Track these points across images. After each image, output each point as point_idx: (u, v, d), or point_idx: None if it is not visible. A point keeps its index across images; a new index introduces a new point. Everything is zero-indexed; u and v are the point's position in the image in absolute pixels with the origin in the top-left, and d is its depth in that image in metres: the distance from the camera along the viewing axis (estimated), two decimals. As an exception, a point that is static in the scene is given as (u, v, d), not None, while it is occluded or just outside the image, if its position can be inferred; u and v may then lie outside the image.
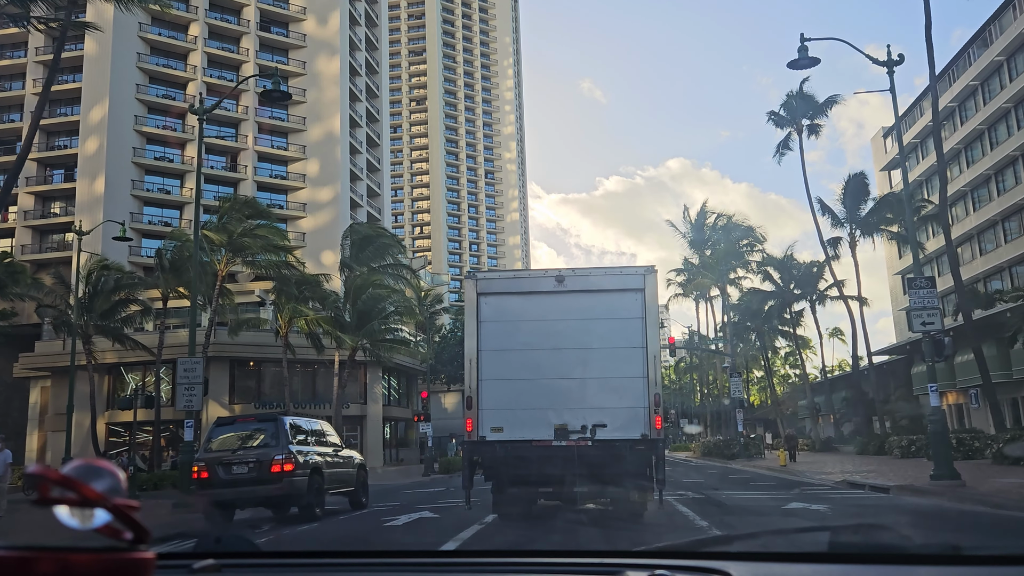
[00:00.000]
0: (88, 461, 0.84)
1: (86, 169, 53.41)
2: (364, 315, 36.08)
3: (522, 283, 12.08)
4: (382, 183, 72.00)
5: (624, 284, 11.30)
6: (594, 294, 11.38)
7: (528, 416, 10.95)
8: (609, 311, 11.20)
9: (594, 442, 10.73)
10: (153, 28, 57.72)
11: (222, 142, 59.12)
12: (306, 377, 47.30)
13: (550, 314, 11.33)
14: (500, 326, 11.32)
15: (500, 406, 11.05)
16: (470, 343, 11.32)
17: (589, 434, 10.77)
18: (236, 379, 45.09)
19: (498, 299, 11.48)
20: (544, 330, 11.26)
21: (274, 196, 60.53)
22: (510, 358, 11.24)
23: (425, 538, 10.49)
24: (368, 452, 47.82)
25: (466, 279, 11.78)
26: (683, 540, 1.90)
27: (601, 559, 1.71)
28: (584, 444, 10.73)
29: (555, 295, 11.35)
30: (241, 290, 49.65)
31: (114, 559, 0.80)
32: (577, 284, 11.42)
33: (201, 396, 16.77)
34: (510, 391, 11.11)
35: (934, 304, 15.71)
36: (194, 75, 58.44)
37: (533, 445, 10.78)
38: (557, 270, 11.61)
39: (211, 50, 59.52)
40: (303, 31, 62.96)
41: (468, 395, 11.15)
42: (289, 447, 13.63)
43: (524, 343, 11.27)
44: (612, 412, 10.88)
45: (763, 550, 1.78)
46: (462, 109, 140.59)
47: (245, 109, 59.96)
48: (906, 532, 1.83)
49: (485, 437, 10.99)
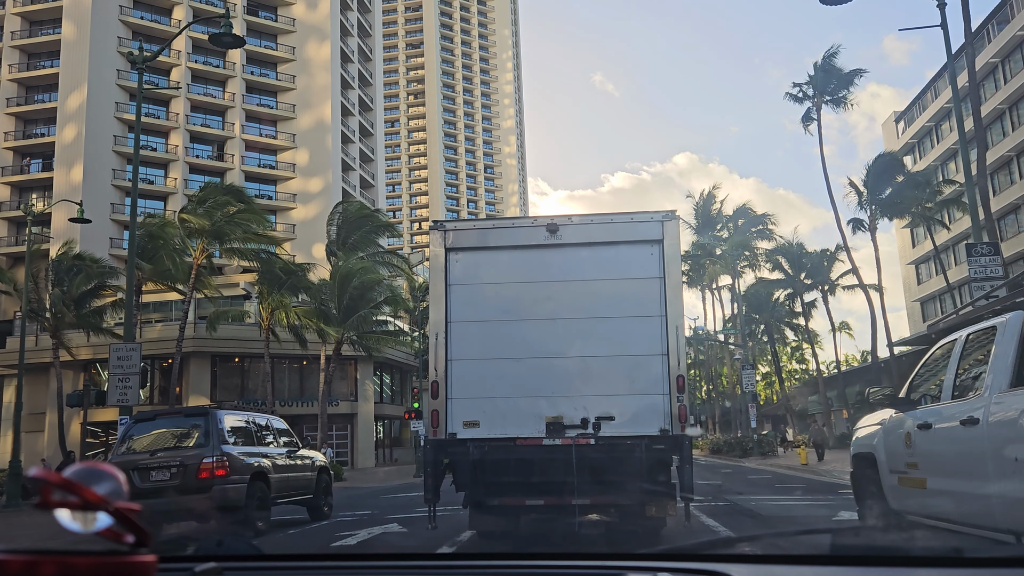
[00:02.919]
0: (89, 464, 0.84)
1: (63, 158, 51.09)
2: (351, 305, 33.70)
3: (504, 234, 9.07)
4: (376, 173, 69.65)
5: (637, 234, 8.55)
6: (598, 247, 8.65)
7: (511, 407, 8.36)
8: (618, 269, 8.55)
9: (598, 440, 8.13)
10: (135, 11, 55.41)
11: (208, 130, 56.83)
12: (293, 373, 44.96)
13: (541, 274, 8.66)
14: (475, 290, 8.69)
15: (475, 394, 8.42)
16: (436, 313, 8.58)
17: (592, 430, 8.18)
18: (219, 376, 42.75)
19: (473, 255, 8.79)
20: (533, 295, 8.63)
21: (263, 186, 58.27)
22: (489, 331, 8.59)
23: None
24: (359, 452, 45.49)
25: (432, 230, 8.80)
26: (685, 542, 1.87)
27: (602, 561, 1.70)
28: (585, 443, 8.12)
29: (547, 249, 8.63)
30: (227, 283, 47.43)
31: (116, 562, 0.81)
32: (576, 235, 8.64)
33: (138, 388, 14.40)
34: (488, 375, 8.47)
35: (998, 273, 13.33)
36: (178, 61, 56.11)
37: (518, 444, 8.19)
38: (549, 217, 8.79)
39: (196, 34, 57.14)
40: (292, 15, 60.66)
41: (433, 380, 8.41)
42: (222, 447, 11.30)
43: (507, 312, 8.61)
44: (622, 401, 8.30)
45: (766, 552, 1.79)
46: (460, 103, 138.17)
47: (232, 96, 57.66)
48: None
49: (456, 434, 8.34)
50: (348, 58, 64.95)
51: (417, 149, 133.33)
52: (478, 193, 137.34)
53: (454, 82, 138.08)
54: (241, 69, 58.20)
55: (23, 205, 27.64)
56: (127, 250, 37.11)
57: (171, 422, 12.95)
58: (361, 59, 68.33)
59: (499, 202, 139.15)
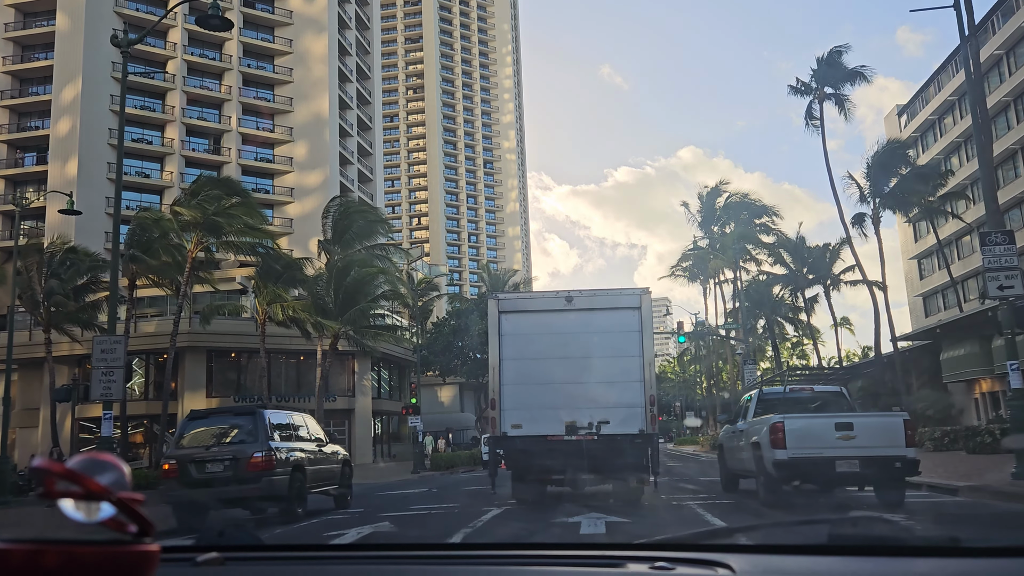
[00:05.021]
0: (92, 455, 0.84)
1: (58, 151, 50.54)
2: (347, 299, 33.19)
3: (536, 302, 14.07)
4: (375, 168, 69.08)
5: (623, 303, 12.98)
6: (598, 311, 12.99)
7: (542, 415, 12.42)
8: (610, 326, 12.81)
9: (599, 437, 12.15)
10: (131, 3, 54.83)
11: (204, 123, 56.25)
12: (290, 368, 44.48)
13: (560, 328, 12.97)
14: (518, 339, 12.94)
15: (518, 407, 12.56)
16: (493, 353, 12.94)
17: (594, 430, 12.19)
18: (215, 371, 42.24)
19: (516, 316, 13.16)
20: (555, 342, 12.86)
21: (260, 180, 57.71)
22: (527, 366, 12.78)
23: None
24: (356, 448, 45.01)
25: (489, 299, 13.63)
26: (684, 532, 1.87)
27: (603, 551, 1.73)
28: (590, 439, 12.14)
29: (565, 312, 13.02)
30: (224, 277, 46.92)
31: (119, 552, 0.82)
32: (583, 303, 13.07)
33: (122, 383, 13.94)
34: (527, 394, 12.63)
35: (1014, 263, 12.83)
36: (174, 53, 55.53)
37: (547, 439, 12.26)
38: (567, 291, 13.19)
39: (192, 27, 56.55)
40: (289, 7, 60.03)
41: (492, 397, 12.87)
42: (269, 443, 12.66)
43: (539, 353, 12.84)
44: (614, 411, 12.32)
45: (763, 542, 1.80)
46: (460, 97, 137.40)
47: (228, 89, 57.08)
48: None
49: (506, 433, 12.53)
50: (346, 51, 64.36)
51: (416, 144, 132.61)
52: (477, 188, 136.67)
53: (453, 76, 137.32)
54: (238, 62, 57.63)
55: (15, 199, 27.09)
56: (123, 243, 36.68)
57: (222, 420, 14.29)
58: (359, 52, 67.73)
59: (498, 197, 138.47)
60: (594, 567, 1.66)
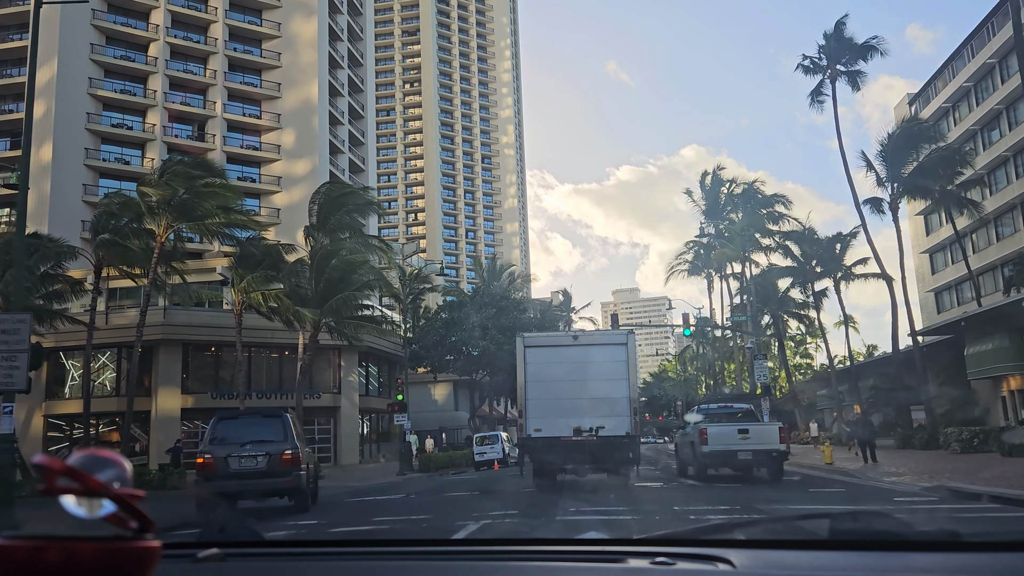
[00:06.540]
0: (93, 451, 0.84)
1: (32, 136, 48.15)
2: (329, 287, 30.87)
3: (551, 339, 20.02)
4: (367, 157, 66.74)
5: (614, 340, 17.84)
6: (596, 346, 17.71)
7: (556, 421, 16.44)
8: (605, 357, 17.09)
9: (597, 437, 16.26)
10: (110, -17, 52.50)
11: (188, 108, 53.97)
12: (271, 363, 42.15)
13: (569, 358, 17.20)
14: (538, 366, 17.13)
15: (539, 416, 16.71)
16: (520, 377, 17.23)
17: (594, 432, 16.27)
18: (191, 366, 39.90)
19: (536, 350, 17.60)
20: (565, 368, 16.98)
21: (246, 168, 55.46)
22: (545, 386, 16.84)
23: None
24: (342, 448, 42.76)
25: (517, 338, 18.18)
26: (685, 527, 1.90)
27: (604, 547, 1.74)
28: (591, 439, 16.23)
29: (572, 347, 17.75)
30: (204, 267, 44.65)
31: (120, 548, 0.82)
32: (585, 340, 18.90)
33: (26, 369, 11.58)
34: (545, 406, 16.69)
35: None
36: (156, 35, 53.23)
37: (560, 440, 16.33)
38: (575, 331, 20.12)
39: (175, 8, 54.26)
40: (277, -11, 57.69)
41: (520, 408, 17.20)
42: (295, 442, 14.50)
43: (553, 376, 16.92)
44: (608, 419, 16.49)
45: (764, 537, 1.81)
46: (457, 91, 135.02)
47: (213, 73, 54.77)
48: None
49: (530, 435, 16.77)
50: (337, 36, 62.05)
51: (413, 139, 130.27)
52: (475, 184, 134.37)
53: (451, 70, 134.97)
54: (223, 45, 55.33)
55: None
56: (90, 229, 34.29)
57: (252, 421, 15.91)
58: (351, 38, 65.45)
59: (496, 192, 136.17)
60: (595, 562, 1.64)
